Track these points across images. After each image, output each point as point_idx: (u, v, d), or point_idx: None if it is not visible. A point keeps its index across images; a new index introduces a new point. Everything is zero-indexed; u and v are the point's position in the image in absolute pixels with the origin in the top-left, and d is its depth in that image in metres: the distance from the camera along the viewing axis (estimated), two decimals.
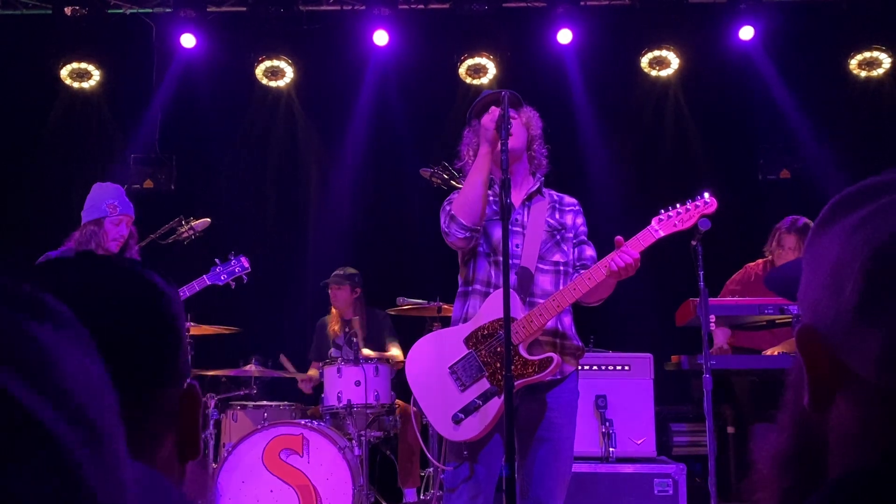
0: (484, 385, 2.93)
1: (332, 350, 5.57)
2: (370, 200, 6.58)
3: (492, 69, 6.46)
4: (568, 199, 3.22)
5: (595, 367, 4.50)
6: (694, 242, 3.92)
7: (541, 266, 3.02)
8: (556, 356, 2.90)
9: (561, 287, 2.99)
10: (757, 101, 6.29)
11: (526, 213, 3.10)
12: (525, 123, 3.13)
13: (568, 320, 3.06)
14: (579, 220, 3.17)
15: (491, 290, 2.99)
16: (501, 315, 2.88)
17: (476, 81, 6.50)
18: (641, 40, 6.36)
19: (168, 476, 0.85)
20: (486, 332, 2.96)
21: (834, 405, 0.69)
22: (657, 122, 6.51)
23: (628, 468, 4.26)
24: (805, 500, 0.68)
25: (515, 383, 2.86)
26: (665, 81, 6.47)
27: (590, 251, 3.13)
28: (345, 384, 4.67)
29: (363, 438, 4.62)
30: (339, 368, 4.71)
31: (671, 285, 5.00)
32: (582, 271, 2.96)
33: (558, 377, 2.98)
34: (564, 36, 6.30)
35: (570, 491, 4.17)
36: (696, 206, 2.92)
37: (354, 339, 5.03)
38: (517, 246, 3.02)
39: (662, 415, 5.20)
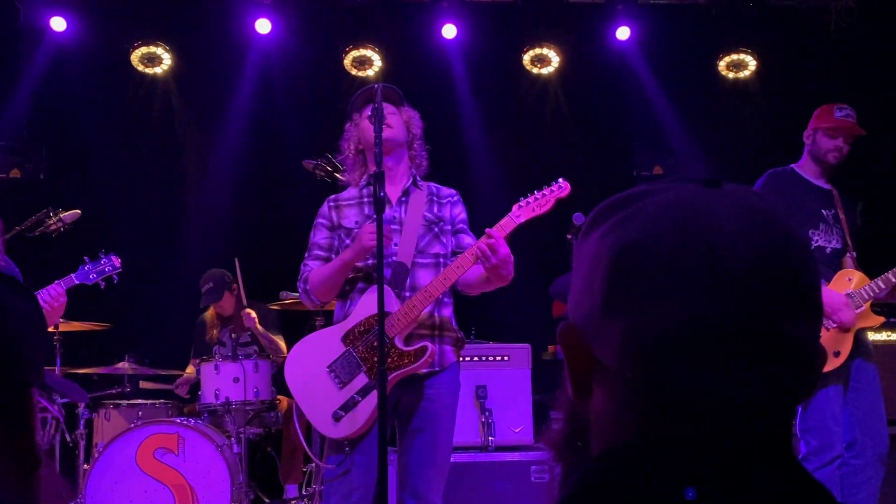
0: (362, 380, 2.96)
1: (216, 347, 5.45)
2: (252, 192, 6.45)
3: (377, 61, 6.44)
4: (446, 190, 3.26)
5: (475, 358, 4.57)
6: (570, 236, 4.05)
7: (419, 260, 3.06)
8: (430, 345, 2.95)
9: None
10: (632, 100, 6.52)
11: (403, 209, 3.13)
12: (405, 121, 3.16)
13: (448, 311, 3.11)
14: (457, 210, 3.22)
15: (368, 288, 3.03)
16: (376, 311, 2.91)
17: (361, 73, 6.47)
18: (524, 38, 6.48)
19: None
20: (361, 328, 2.99)
21: (592, 394, 0.77)
22: (538, 119, 6.65)
23: (507, 456, 4.36)
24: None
25: (392, 375, 2.91)
26: (546, 79, 6.62)
27: (468, 239, 3.18)
28: (223, 381, 4.59)
29: (242, 436, 4.55)
30: (217, 365, 4.62)
31: (549, 278, 5.12)
32: (452, 259, 3.04)
33: (437, 368, 3.03)
34: (449, 31, 6.35)
35: (451, 480, 4.23)
36: (552, 191, 3.03)
37: (234, 335, 4.93)
38: (395, 245, 3.06)
39: (542, 403, 5.34)
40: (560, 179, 3.05)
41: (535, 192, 3.03)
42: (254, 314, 5.13)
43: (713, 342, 0.67)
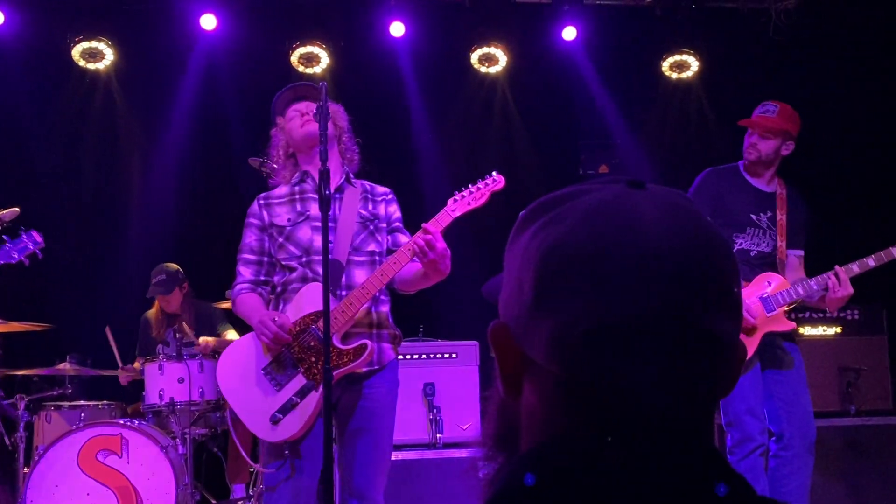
0: (300, 381, 2.92)
1: (160, 347, 5.38)
2: (197, 190, 6.35)
3: (324, 58, 6.41)
4: (380, 188, 3.24)
5: (423, 356, 4.59)
6: None
7: (354, 258, 3.03)
8: (370, 343, 2.94)
9: None
10: (579, 99, 6.60)
11: (337, 205, 3.09)
12: (330, 115, 3.10)
13: (385, 308, 3.10)
14: (392, 209, 3.21)
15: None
16: (313, 310, 2.91)
17: (308, 70, 6.43)
18: (472, 36, 6.51)
19: None
20: (297, 328, 2.95)
21: (523, 392, 0.78)
22: (486, 118, 6.69)
23: (454, 453, 4.38)
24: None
25: (332, 374, 2.87)
26: (493, 78, 6.65)
27: (403, 238, 3.18)
28: (167, 381, 4.53)
29: (188, 436, 4.49)
30: (161, 365, 4.56)
31: (496, 275, 5.18)
32: (389, 256, 3.04)
33: (376, 367, 3.02)
34: (397, 29, 6.35)
35: (398, 477, 4.25)
36: (486, 185, 3.04)
37: (179, 335, 4.86)
38: (330, 241, 2.99)
39: None
40: (494, 172, 3.06)
41: (470, 185, 3.04)
42: (211, 342, 5.09)
43: (637, 338, 0.70)
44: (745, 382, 3.66)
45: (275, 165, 3.27)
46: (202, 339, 5.10)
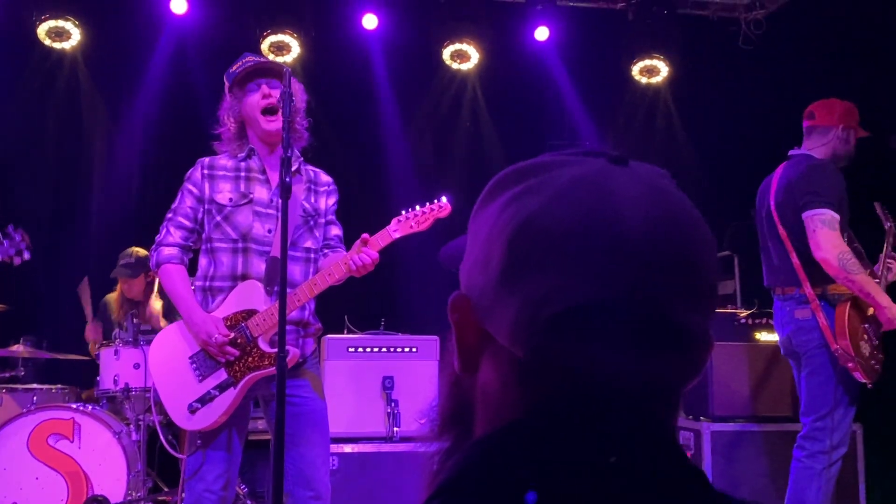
0: (221, 376, 2.94)
1: (117, 331, 5.31)
2: (162, 175, 6.27)
3: (296, 47, 6.36)
4: (323, 177, 3.21)
5: (383, 349, 4.58)
6: None
7: (292, 253, 2.98)
8: (294, 349, 2.95)
9: (310, 275, 3.05)
10: (548, 100, 6.63)
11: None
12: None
13: (312, 305, 3.11)
14: (331, 201, 3.20)
15: (238, 284, 2.98)
16: (245, 307, 2.95)
17: (279, 58, 6.37)
18: (444, 32, 6.50)
19: None
20: (228, 323, 2.96)
21: (480, 369, 0.74)
22: (455, 114, 6.69)
23: (411, 447, 4.38)
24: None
25: (250, 375, 2.94)
26: (465, 74, 6.66)
27: (336, 230, 3.20)
28: (122, 367, 4.47)
29: (141, 423, 4.44)
30: (117, 350, 4.50)
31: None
32: (323, 266, 3.05)
33: (300, 360, 3.04)
34: (370, 21, 6.33)
35: (354, 470, 4.25)
36: (432, 210, 3.03)
37: (136, 321, 4.80)
38: (269, 231, 3.00)
39: None
40: (443, 198, 3.06)
41: (417, 207, 3.03)
42: (157, 309, 5.05)
43: (604, 324, 0.66)
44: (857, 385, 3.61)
45: (220, 132, 3.14)
46: (164, 321, 5.05)
